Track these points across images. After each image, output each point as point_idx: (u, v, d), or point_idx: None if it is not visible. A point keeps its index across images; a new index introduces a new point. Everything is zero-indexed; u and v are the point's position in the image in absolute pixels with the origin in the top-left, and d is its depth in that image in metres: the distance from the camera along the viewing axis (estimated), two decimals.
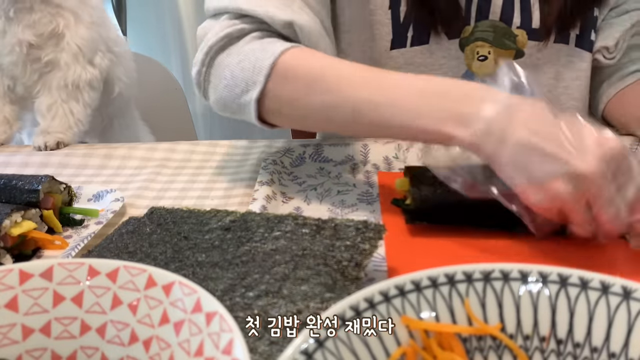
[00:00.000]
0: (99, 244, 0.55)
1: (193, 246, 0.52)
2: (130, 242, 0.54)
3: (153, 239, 0.54)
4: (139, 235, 0.55)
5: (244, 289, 0.46)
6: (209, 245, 0.52)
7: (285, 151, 0.77)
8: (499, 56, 0.84)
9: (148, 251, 0.52)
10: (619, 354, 0.34)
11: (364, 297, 0.34)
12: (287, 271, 0.47)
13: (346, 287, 0.45)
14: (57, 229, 0.64)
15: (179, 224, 0.55)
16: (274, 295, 0.45)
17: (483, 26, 0.81)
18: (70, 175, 0.78)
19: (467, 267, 0.37)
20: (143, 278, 0.38)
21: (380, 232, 0.50)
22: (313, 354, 0.31)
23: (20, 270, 0.38)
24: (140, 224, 0.57)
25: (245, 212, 0.55)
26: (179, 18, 2.00)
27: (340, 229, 0.50)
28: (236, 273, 0.48)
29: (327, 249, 0.49)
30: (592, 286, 0.35)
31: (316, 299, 0.44)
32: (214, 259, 0.50)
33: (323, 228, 0.51)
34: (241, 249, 0.50)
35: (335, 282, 0.46)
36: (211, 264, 0.49)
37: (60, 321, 0.39)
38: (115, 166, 0.81)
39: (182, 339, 0.35)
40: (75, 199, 0.68)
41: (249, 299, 0.45)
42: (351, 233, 0.50)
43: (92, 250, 0.55)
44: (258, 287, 0.45)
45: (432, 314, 0.36)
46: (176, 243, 0.52)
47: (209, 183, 0.74)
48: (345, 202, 0.67)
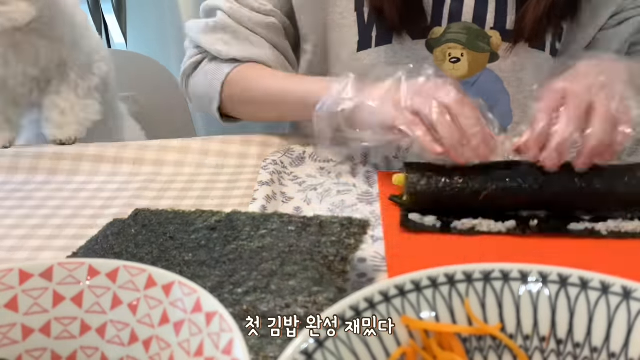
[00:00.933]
0: (83, 246, 0.55)
1: (179, 246, 0.52)
2: (116, 243, 0.54)
3: (139, 240, 0.54)
4: (124, 237, 0.55)
5: (232, 285, 0.46)
6: (196, 244, 0.52)
7: (285, 151, 0.77)
8: (473, 59, 0.84)
9: (134, 252, 0.52)
10: (619, 354, 0.34)
11: (364, 297, 0.34)
12: (274, 267, 0.47)
13: (333, 280, 0.46)
14: None
15: (164, 224, 0.55)
16: (262, 290, 0.45)
17: (456, 28, 0.81)
18: (67, 176, 0.78)
19: (467, 267, 0.37)
20: (143, 278, 0.38)
21: (364, 227, 0.51)
22: (313, 354, 0.31)
23: (20, 270, 0.38)
24: (125, 225, 0.57)
25: (231, 212, 0.56)
26: (179, 18, 2.00)
27: (325, 226, 0.51)
28: (224, 271, 0.48)
29: (314, 245, 0.49)
30: (592, 286, 0.35)
31: (304, 293, 0.44)
32: (201, 257, 0.50)
33: (309, 225, 0.52)
34: (228, 248, 0.51)
35: (322, 277, 0.46)
36: (198, 263, 0.50)
37: (60, 321, 0.39)
38: (115, 166, 0.81)
39: (182, 339, 0.35)
40: None
41: (238, 295, 0.45)
42: (336, 229, 0.51)
43: (77, 252, 0.54)
44: (246, 284, 0.46)
45: (432, 314, 0.36)
46: (162, 243, 0.53)
47: (208, 183, 0.74)
48: (345, 202, 0.67)
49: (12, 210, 0.69)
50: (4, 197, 0.73)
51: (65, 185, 0.75)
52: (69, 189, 0.74)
